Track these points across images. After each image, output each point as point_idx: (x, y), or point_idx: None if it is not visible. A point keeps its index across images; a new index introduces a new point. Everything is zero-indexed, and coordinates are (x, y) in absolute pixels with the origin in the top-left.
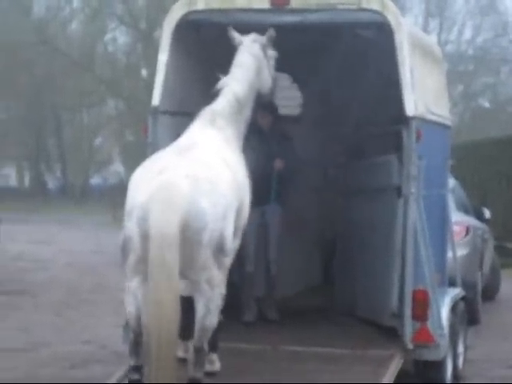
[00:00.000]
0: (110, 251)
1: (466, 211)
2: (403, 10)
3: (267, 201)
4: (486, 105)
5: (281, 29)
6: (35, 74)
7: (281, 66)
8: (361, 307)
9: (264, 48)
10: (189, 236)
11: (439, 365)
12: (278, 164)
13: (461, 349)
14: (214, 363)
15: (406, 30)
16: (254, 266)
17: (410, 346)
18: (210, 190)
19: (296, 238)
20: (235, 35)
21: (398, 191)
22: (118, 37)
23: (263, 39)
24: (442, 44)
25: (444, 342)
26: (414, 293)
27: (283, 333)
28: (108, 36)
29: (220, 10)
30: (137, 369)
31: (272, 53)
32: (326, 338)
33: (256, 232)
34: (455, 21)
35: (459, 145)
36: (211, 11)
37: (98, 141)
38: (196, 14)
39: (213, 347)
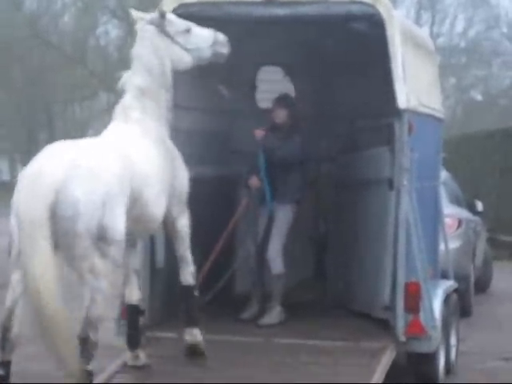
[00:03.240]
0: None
1: (458, 204)
2: (395, 2)
3: (277, 199)
4: (479, 97)
5: (273, 22)
6: (27, 68)
7: (273, 59)
8: (353, 300)
9: (160, 27)
10: (63, 225)
11: (432, 357)
12: (258, 133)
13: (453, 341)
14: (196, 336)
15: (398, 22)
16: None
17: (403, 338)
18: (86, 178)
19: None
20: (135, 16)
21: (390, 184)
22: (110, 30)
23: (153, 19)
24: (434, 37)
25: (436, 334)
26: (407, 285)
27: (276, 325)
28: (100, 29)
29: (211, 3)
30: (2, 365)
31: (175, 28)
32: (319, 330)
33: (263, 229)
34: (447, 13)
35: (452, 137)
36: (202, 4)
37: (89, 134)
38: (187, 7)
39: (191, 322)
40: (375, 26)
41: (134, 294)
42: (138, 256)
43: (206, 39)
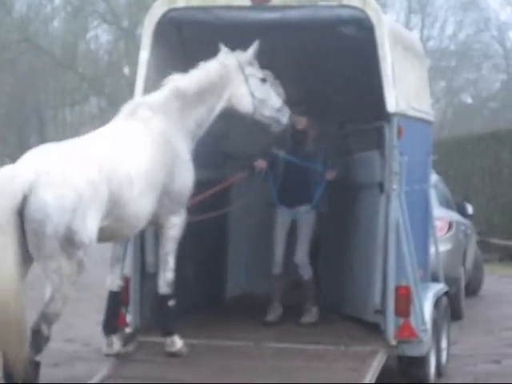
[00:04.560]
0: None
1: (448, 206)
2: (385, 6)
3: (300, 203)
4: (469, 100)
5: (263, 26)
6: (17, 73)
7: (264, 62)
8: (344, 303)
9: (242, 63)
10: (32, 226)
11: (422, 360)
12: (330, 175)
13: (444, 344)
14: (175, 344)
15: (387, 26)
16: (282, 268)
17: (394, 341)
18: (57, 183)
19: None
20: (222, 48)
21: (380, 187)
22: (100, 35)
23: (243, 55)
24: (424, 40)
25: (427, 338)
26: (397, 288)
27: (266, 329)
28: (90, 34)
29: (201, 8)
30: None
31: (253, 71)
32: (310, 334)
33: (286, 234)
34: (437, 17)
35: (442, 140)
36: (192, 8)
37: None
38: (177, 12)
39: (168, 332)
40: (364, 30)
41: (116, 282)
42: (128, 258)
43: (275, 100)
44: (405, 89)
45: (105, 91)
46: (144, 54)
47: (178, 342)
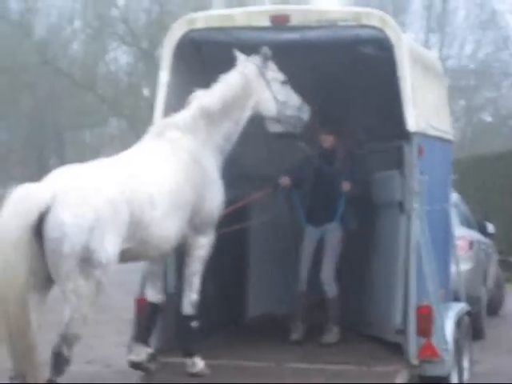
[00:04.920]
0: (114, 270)
1: (469, 225)
2: (404, 25)
3: (328, 221)
4: (488, 119)
5: (282, 46)
6: (37, 95)
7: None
8: (365, 323)
9: (261, 69)
10: (49, 245)
11: (445, 380)
12: (345, 186)
13: (466, 364)
14: (196, 365)
15: (407, 45)
16: (307, 285)
17: (415, 361)
18: (75, 202)
19: None
20: (238, 55)
21: (401, 207)
22: (120, 56)
23: (257, 59)
24: (443, 59)
25: (449, 357)
26: (418, 308)
27: (288, 350)
28: (109, 56)
29: (220, 28)
30: None
31: (274, 75)
32: (331, 354)
33: (313, 252)
34: (456, 36)
35: (462, 159)
36: (211, 29)
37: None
38: (196, 33)
39: (190, 353)
40: (384, 50)
41: (157, 295)
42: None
43: (295, 99)
44: (424, 108)
45: (124, 112)
46: (164, 75)
47: (199, 363)
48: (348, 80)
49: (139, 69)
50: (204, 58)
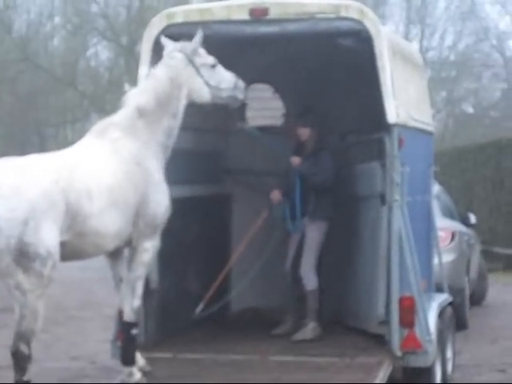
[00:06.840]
0: (97, 267)
1: (451, 217)
2: (383, 18)
3: (304, 214)
4: (470, 110)
5: (262, 39)
6: (18, 91)
7: (263, 76)
8: (348, 315)
9: (189, 56)
10: None
11: (428, 371)
12: (294, 161)
13: (449, 354)
14: (133, 375)
15: (386, 37)
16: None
17: (399, 352)
18: (8, 196)
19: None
20: (166, 44)
21: (382, 198)
22: (100, 52)
23: (187, 47)
24: (423, 51)
25: (432, 348)
26: (401, 300)
27: (271, 342)
28: (90, 51)
29: (199, 22)
30: None
31: (202, 60)
32: (315, 347)
33: (296, 245)
34: (436, 27)
35: (443, 151)
36: (190, 23)
37: None
38: (175, 27)
39: (128, 362)
40: (363, 42)
41: (128, 312)
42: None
43: (228, 80)
44: (405, 99)
45: (106, 108)
46: (143, 70)
47: (136, 374)
48: (327, 72)
49: (120, 64)
50: None
